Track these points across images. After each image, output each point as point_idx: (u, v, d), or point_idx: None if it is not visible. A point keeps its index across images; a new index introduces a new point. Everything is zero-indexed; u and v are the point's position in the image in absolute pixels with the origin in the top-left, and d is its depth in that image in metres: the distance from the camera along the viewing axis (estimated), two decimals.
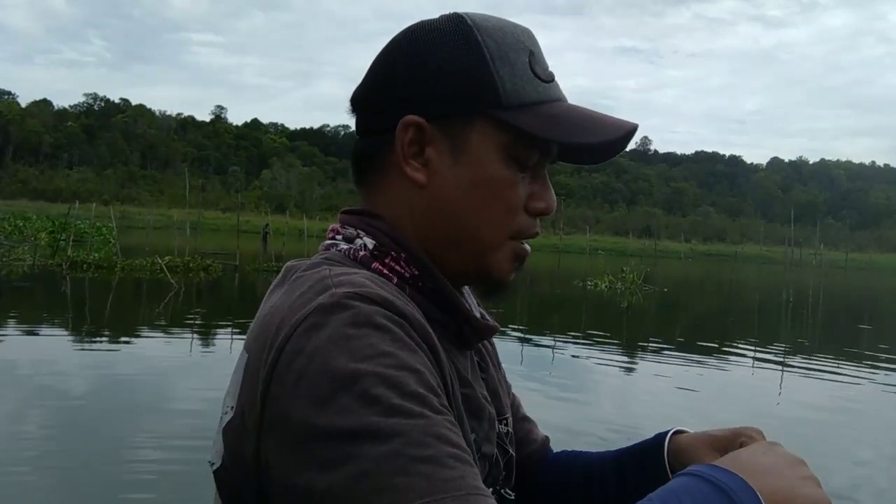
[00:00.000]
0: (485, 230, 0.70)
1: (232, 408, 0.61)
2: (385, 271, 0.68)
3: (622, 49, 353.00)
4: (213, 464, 0.64)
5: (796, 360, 10.34)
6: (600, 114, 0.71)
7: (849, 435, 6.15)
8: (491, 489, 0.73)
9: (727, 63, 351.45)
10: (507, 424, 0.79)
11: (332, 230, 0.74)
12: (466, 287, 0.79)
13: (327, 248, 0.72)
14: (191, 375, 6.96)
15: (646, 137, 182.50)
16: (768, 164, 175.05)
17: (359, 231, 0.71)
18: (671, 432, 0.80)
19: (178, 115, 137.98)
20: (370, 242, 0.69)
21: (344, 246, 0.70)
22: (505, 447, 0.77)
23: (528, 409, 0.89)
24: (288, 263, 0.72)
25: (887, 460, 5.45)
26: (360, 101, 0.72)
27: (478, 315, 0.76)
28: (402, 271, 0.68)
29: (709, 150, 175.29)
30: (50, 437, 4.66)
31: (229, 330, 10.15)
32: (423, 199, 0.69)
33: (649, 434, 0.83)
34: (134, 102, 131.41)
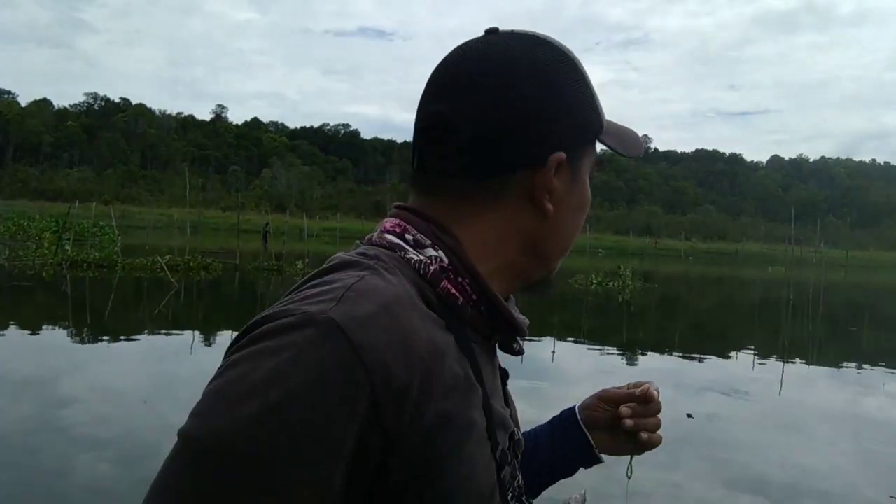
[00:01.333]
0: (571, 244, 0.76)
1: None
2: (453, 291, 0.66)
3: None
4: None
5: (796, 358, 10.34)
6: (622, 125, 0.80)
7: (848, 432, 6.15)
8: (516, 501, 0.74)
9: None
10: (520, 434, 0.81)
11: (399, 226, 0.70)
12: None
13: (393, 247, 0.68)
14: (191, 373, 6.97)
15: (646, 135, 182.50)
16: (768, 161, 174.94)
17: (434, 243, 0.68)
18: (578, 406, 0.98)
19: (179, 114, 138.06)
20: (444, 258, 0.67)
21: (413, 255, 0.67)
22: (519, 456, 0.78)
23: (528, 410, 0.91)
24: (328, 266, 0.65)
25: (885, 457, 5.45)
26: (482, 133, 0.67)
27: (519, 317, 0.75)
28: (471, 293, 0.68)
29: (709, 147, 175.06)
30: (47, 435, 4.66)
31: (230, 328, 10.15)
32: (541, 228, 0.71)
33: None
34: (134, 102, 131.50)
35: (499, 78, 0.67)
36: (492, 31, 0.71)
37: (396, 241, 0.68)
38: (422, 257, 0.67)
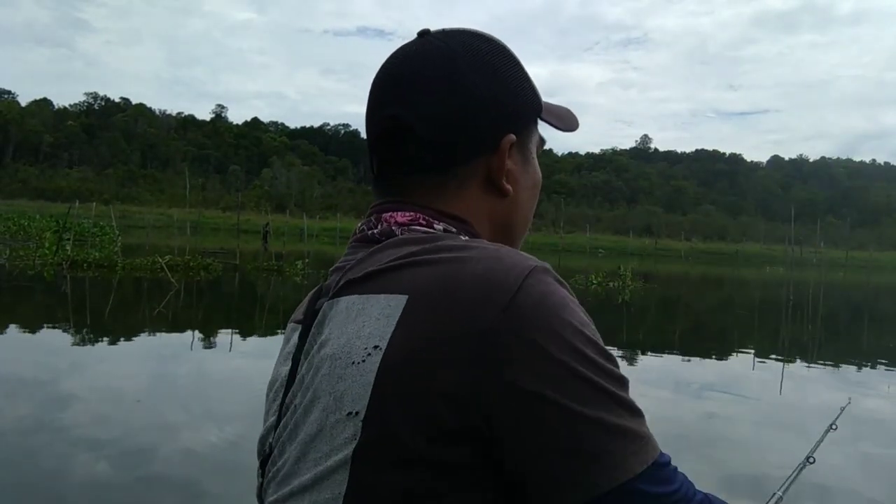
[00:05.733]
0: (530, 223, 0.80)
1: (377, 347, 0.59)
2: None
3: None
4: (355, 413, 0.59)
5: (796, 358, 10.33)
6: (556, 104, 0.83)
7: (848, 432, 6.15)
8: None
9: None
10: None
11: (420, 218, 0.71)
12: None
13: (433, 238, 0.68)
14: (191, 374, 6.97)
15: (646, 136, 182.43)
16: (768, 162, 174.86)
17: (460, 231, 0.71)
18: None
19: (179, 114, 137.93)
20: None
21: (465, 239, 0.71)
22: None
23: None
24: (404, 238, 0.69)
25: (885, 457, 5.45)
26: (438, 128, 0.71)
27: None
28: None
29: (709, 148, 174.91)
30: (47, 435, 4.66)
31: (229, 329, 10.15)
32: (503, 208, 0.75)
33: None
34: (134, 102, 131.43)
35: (443, 74, 0.71)
36: (424, 33, 0.75)
37: (430, 231, 0.70)
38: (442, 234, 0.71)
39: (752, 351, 10.67)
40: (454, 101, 0.71)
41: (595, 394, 0.57)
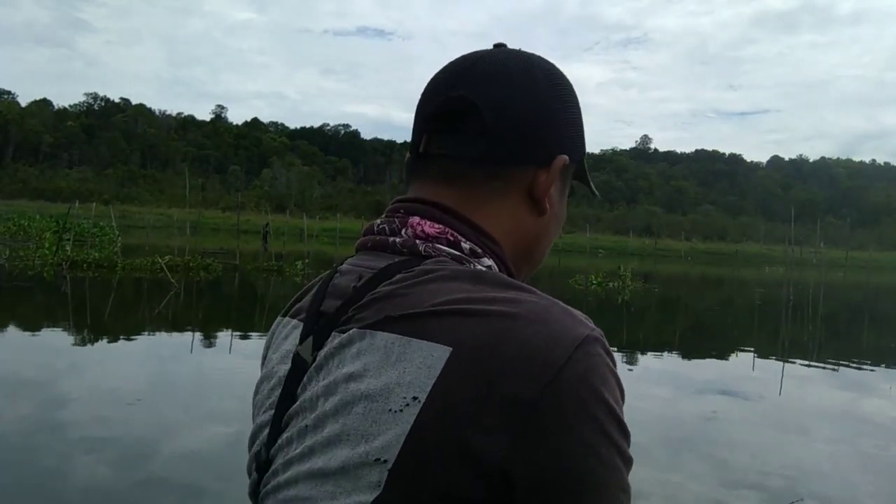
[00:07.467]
0: (545, 256, 0.81)
1: (416, 399, 0.59)
2: None
3: None
4: (383, 460, 0.59)
5: (796, 358, 10.32)
6: None
7: (848, 433, 6.14)
8: None
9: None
10: None
11: (448, 233, 0.70)
12: None
13: (457, 259, 0.69)
14: (191, 374, 6.97)
15: (646, 136, 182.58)
16: (768, 162, 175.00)
17: (485, 252, 0.71)
18: None
19: (179, 114, 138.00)
20: (496, 267, 0.71)
21: (488, 263, 0.71)
22: None
23: None
24: (440, 271, 0.65)
25: (884, 457, 5.45)
26: (503, 121, 0.71)
27: None
28: None
29: (709, 148, 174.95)
30: (47, 435, 4.66)
31: (229, 329, 10.15)
32: (535, 228, 0.75)
33: (649, 435, 0.85)
34: (134, 102, 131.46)
35: (520, 76, 0.72)
36: (500, 45, 0.77)
37: (455, 252, 0.69)
38: (483, 270, 0.69)
39: (753, 351, 10.67)
40: (525, 102, 0.71)
41: (609, 482, 0.59)
